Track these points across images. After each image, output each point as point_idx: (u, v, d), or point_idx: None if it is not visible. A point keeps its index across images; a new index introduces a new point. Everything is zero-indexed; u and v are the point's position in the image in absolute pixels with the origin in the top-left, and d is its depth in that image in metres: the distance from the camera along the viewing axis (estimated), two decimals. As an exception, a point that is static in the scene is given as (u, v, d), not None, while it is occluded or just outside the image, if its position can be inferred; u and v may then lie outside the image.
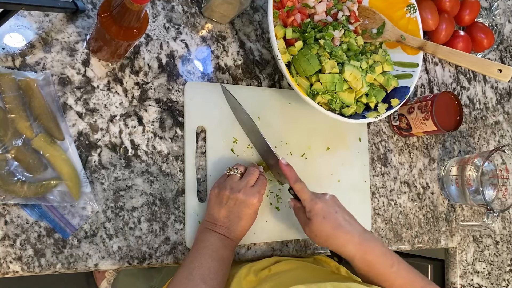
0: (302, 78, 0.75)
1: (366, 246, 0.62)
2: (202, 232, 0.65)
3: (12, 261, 0.60)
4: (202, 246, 0.63)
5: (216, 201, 0.65)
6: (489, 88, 1.07)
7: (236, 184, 0.65)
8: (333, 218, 0.63)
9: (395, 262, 0.63)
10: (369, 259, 0.62)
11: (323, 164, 0.81)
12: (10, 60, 0.62)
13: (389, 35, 0.83)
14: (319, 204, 0.64)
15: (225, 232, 0.64)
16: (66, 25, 0.66)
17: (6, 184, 0.58)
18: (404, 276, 0.63)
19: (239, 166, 0.69)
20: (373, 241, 0.63)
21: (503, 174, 0.93)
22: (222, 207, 0.65)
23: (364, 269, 0.63)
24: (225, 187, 0.65)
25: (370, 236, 0.63)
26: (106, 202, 0.66)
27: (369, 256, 0.62)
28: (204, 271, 0.60)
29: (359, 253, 0.62)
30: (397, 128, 0.91)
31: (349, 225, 0.63)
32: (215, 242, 0.63)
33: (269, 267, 0.68)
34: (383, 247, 0.63)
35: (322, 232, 0.62)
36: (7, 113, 0.59)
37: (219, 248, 0.63)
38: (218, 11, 0.73)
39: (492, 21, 1.07)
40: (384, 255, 0.63)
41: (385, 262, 0.62)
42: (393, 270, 0.62)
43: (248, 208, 0.64)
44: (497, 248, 1.03)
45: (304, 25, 0.76)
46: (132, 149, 0.68)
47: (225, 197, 0.65)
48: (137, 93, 0.70)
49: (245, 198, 0.64)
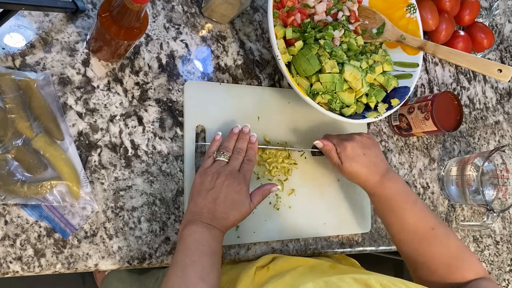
0: (302, 78, 0.75)
1: (385, 184, 0.69)
2: (187, 224, 0.60)
3: (12, 261, 0.60)
4: (190, 240, 0.58)
5: (202, 187, 0.62)
6: (489, 88, 1.07)
7: (222, 169, 0.64)
8: (360, 161, 0.70)
9: (411, 201, 0.68)
10: (385, 195, 0.69)
11: (322, 163, 0.81)
12: (10, 60, 0.62)
13: (389, 35, 0.83)
14: (348, 146, 0.70)
15: (211, 220, 0.60)
16: (66, 25, 0.66)
17: (6, 184, 0.58)
18: (418, 213, 0.68)
19: (226, 149, 0.67)
20: (394, 180, 0.69)
21: (503, 174, 0.93)
22: (207, 193, 0.61)
23: (380, 204, 0.70)
24: (210, 172, 0.63)
25: (393, 175, 0.70)
26: (106, 202, 0.66)
27: (386, 192, 0.69)
28: (198, 268, 0.56)
29: (378, 189, 0.69)
30: (397, 128, 0.91)
31: (374, 166, 0.70)
32: (203, 233, 0.59)
33: (268, 265, 0.68)
34: (403, 187, 0.69)
35: (351, 173, 0.70)
36: (7, 113, 0.59)
37: (208, 240, 0.59)
38: (218, 11, 0.73)
39: (492, 21, 1.07)
40: (400, 194, 0.69)
41: (400, 199, 0.68)
42: (407, 206, 0.68)
43: (235, 192, 0.62)
44: (497, 248, 1.03)
45: (304, 25, 0.76)
46: (132, 149, 0.68)
47: (211, 182, 0.62)
48: (137, 93, 0.70)
49: (230, 183, 0.62)
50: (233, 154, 0.66)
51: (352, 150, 0.70)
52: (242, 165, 0.66)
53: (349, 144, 0.70)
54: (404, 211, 0.68)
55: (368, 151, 0.71)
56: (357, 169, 0.69)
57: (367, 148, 0.71)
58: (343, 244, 0.83)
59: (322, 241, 0.81)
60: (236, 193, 0.62)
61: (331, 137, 0.74)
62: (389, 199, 0.69)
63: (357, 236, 0.85)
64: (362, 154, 0.70)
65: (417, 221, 0.67)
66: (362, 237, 0.85)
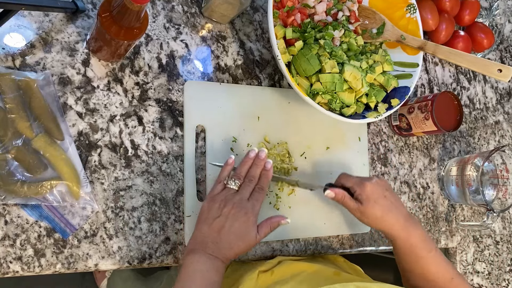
0: (302, 78, 0.75)
1: (410, 230, 0.67)
2: (190, 253, 0.59)
3: (12, 261, 0.60)
4: (192, 269, 0.57)
5: (208, 215, 0.61)
6: (489, 88, 1.07)
7: (231, 197, 0.62)
8: (382, 203, 0.67)
9: (433, 249, 0.68)
10: (411, 242, 0.67)
11: (322, 163, 0.81)
12: (10, 60, 0.62)
13: (389, 35, 0.83)
14: (368, 187, 0.67)
15: (214, 251, 0.59)
16: (66, 25, 0.66)
17: (6, 184, 0.58)
18: (439, 263, 0.67)
19: (237, 176, 0.64)
20: (416, 226, 0.68)
21: (503, 174, 0.93)
22: (213, 221, 0.60)
23: (405, 251, 0.68)
24: (218, 200, 0.61)
25: (414, 221, 0.68)
26: (106, 202, 0.66)
27: (411, 239, 0.67)
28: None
29: (403, 236, 0.67)
30: (397, 128, 0.91)
31: (396, 209, 0.68)
32: (205, 264, 0.58)
33: (272, 269, 0.68)
34: (424, 233, 0.68)
35: (373, 215, 0.67)
36: (7, 113, 0.59)
37: (210, 271, 0.57)
38: (218, 11, 0.73)
39: (492, 21, 1.07)
40: (424, 241, 0.67)
41: (425, 247, 0.67)
42: (431, 255, 0.67)
43: (241, 223, 0.59)
44: (497, 248, 1.03)
45: (304, 25, 0.76)
46: (132, 149, 0.68)
47: (217, 210, 0.60)
48: (137, 93, 0.70)
49: (237, 212, 0.60)
50: (245, 181, 0.64)
51: (373, 191, 0.67)
52: (253, 194, 0.63)
53: (369, 185, 0.67)
54: (426, 259, 0.67)
55: (388, 193, 0.68)
56: (381, 212, 0.67)
57: (387, 190, 0.69)
58: (343, 244, 0.83)
59: (322, 241, 0.81)
60: (242, 224, 0.59)
61: (347, 177, 0.71)
62: (413, 246, 0.67)
63: (357, 236, 0.85)
64: (383, 196, 0.67)
65: (438, 271, 0.67)
66: (362, 237, 0.85)
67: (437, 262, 0.67)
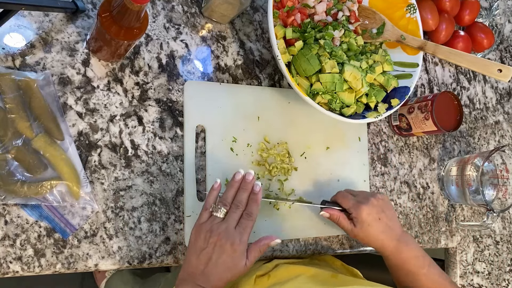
0: (302, 78, 0.75)
1: (401, 249, 0.68)
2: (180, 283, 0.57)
3: (12, 261, 0.60)
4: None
5: (196, 246, 0.58)
6: (489, 88, 1.07)
7: (216, 226, 0.58)
8: (376, 225, 0.69)
9: (427, 265, 0.68)
10: (402, 260, 0.68)
11: (322, 163, 0.81)
12: (10, 60, 0.62)
13: (389, 35, 0.83)
14: (364, 211, 0.69)
15: (204, 282, 0.57)
16: (66, 25, 0.66)
17: (6, 184, 0.58)
18: (434, 280, 0.68)
19: (223, 203, 0.60)
20: (409, 243, 0.69)
21: (503, 174, 0.93)
22: (201, 253, 0.57)
23: (396, 268, 0.69)
24: (204, 230, 0.58)
25: (407, 239, 0.70)
26: (106, 202, 0.66)
27: (403, 257, 0.68)
28: None
29: (395, 253, 0.69)
30: (397, 128, 0.91)
31: (390, 230, 0.69)
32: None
33: (268, 273, 0.68)
34: (418, 250, 0.69)
35: (365, 237, 0.70)
36: (7, 113, 0.59)
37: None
38: (218, 11, 0.73)
39: (492, 21, 1.07)
40: (417, 257, 0.68)
41: (417, 263, 0.68)
42: (424, 271, 0.68)
43: (228, 255, 0.57)
44: (497, 248, 1.03)
45: (304, 25, 0.76)
46: (132, 149, 0.68)
47: (204, 241, 0.58)
48: (137, 93, 0.70)
49: (223, 244, 0.57)
50: (231, 208, 0.60)
51: (368, 215, 0.69)
52: (241, 221, 0.59)
53: (366, 209, 0.69)
54: (420, 276, 0.68)
55: (383, 215, 0.70)
56: (373, 235, 0.69)
57: (382, 212, 0.70)
58: (343, 244, 0.83)
59: (322, 241, 0.81)
60: (229, 256, 0.57)
61: (344, 198, 0.72)
62: (406, 264, 0.68)
63: (357, 236, 0.85)
64: (377, 219, 0.69)
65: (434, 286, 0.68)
66: (362, 237, 0.85)
67: (431, 278, 0.68)
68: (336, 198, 0.74)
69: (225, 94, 0.75)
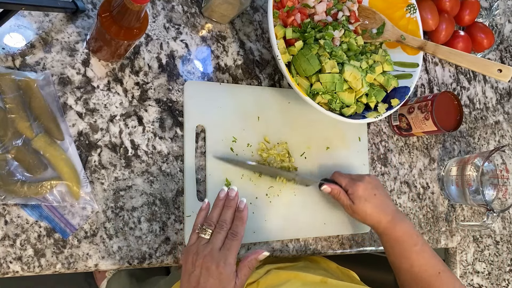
0: (302, 78, 0.75)
1: (396, 224, 0.70)
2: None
3: (12, 261, 0.60)
4: None
5: (185, 268, 0.57)
6: (489, 88, 1.07)
7: (202, 248, 0.56)
8: (372, 201, 0.71)
9: (419, 243, 0.69)
10: (396, 235, 0.70)
11: (322, 163, 0.81)
12: (10, 60, 0.62)
13: (389, 35, 0.83)
14: (360, 187, 0.71)
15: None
16: (66, 25, 0.66)
17: (6, 184, 0.58)
18: (425, 257, 0.69)
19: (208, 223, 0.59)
20: (403, 221, 0.71)
21: (503, 174, 0.93)
22: (190, 276, 0.56)
23: (390, 244, 0.71)
24: (191, 252, 0.57)
25: (402, 217, 0.72)
26: (106, 202, 0.66)
27: (397, 233, 0.70)
28: None
29: (389, 230, 0.70)
30: (397, 128, 0.91)
31: (386, 206, 0.72)
32: None
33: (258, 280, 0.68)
34: (411, 229, 0.71)
35: (363, 212, 0.71)
36: (7, 113, 0.59)
37: None
38: (218, 11, 0.73)
39: (492, 21, 1.07)
40: (410, 235, 0.70)
41: (410, 241, 0.69)
42: (416, 249, 0.69)
43: (215, 278, 0.54)
44: (497, 248, 1.03)
45: (304, 25, 0.76)
46: (132, 149, 0.68)
47: (192, 265, 0.56)
48: (137, 93, 0.70)
49: (209, 267, 0.55)
50: (216, 228, 0.58)
51: (364, 190, 0.71)
52: (226, 241, 0.57)
53: (361, 185, 0.72)
54: (412, 253, 0.69)
55: (378, 192, 0.72)
56: (371, 210, 0.71)
57: (377, 189, 0.73)
58: (343, 244, 0.83)
59: (322, 241, 0.81)
60: (216, 278, 0.54)
61: (340, 176, 0.75)
62: (399, 241, 0.70)
63: (357, 236, 0.85)
64: (373, 194, 0.72)
65: (425, 264, 0.68)
66: (362, 237, 0.85)
67: (423, 256, 0.69)
68: (333, 177, 0.76)
69: (225, 94, 0.75)
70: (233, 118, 0.75)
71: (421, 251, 0.69)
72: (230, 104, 0.75)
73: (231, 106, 0.75)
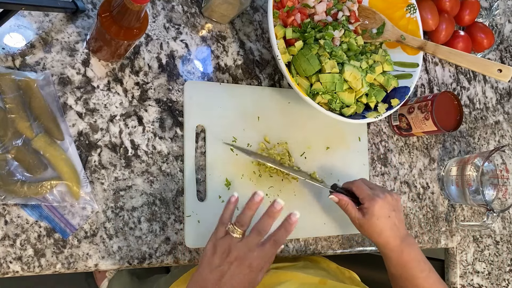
0: (302, 78, 0.75)
1: (403, 250, 0.68)
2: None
3: (12, 261, 0.60)
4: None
5: (211, 260, 0.57)
6: (489, 88, 1.07)
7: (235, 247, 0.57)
8: (384, 222, 0.68)
9: (427, 270, 0.68)
10: (403, 260, 0.68)
11: (322, 163, 0.81)
12: (10, 60, 0.62)
13: (389, 35, 0.83)
14: (378, 204, 0.68)
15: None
16: (66, 25, 0.66)
17: (6, 184, 0.58)
18: (432, 284, 0.68)
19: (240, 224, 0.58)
20: (411, 247, 0.69)
21: (503, 174, 0.93)
22: (215, 268, 0.56)
23: (395, 268, 0.69)
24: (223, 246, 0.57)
25: (411, 242, 0.69)
26: (106, 202, 0.66)
27: (404, 258, 0.68)
28: None
29: (394, 253, 0.68)
30: (397, 128, 0.91)
31: (397, 230, 0.69)
32: None
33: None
34: (420, 254, 0.69)
35: (371, 230, 0.69)
36: (7, 113, 0.59)
37: None
38: (218, 11, 0.73)
39: (492, 21, 1.07)
40: (417, 261, 0.68)
41: (417, 267, 0.68)
42: (423, 275, 0.68)
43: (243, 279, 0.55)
44: (497, 248, 1.03)
45: (304, 25, 0.76)
46: (132, 149, 0.68)
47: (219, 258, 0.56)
48: (137, 93, 0.70)
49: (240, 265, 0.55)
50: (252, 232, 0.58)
51: (380, 209, 0.68)
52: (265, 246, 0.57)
53: (380, 202, 0.68)
54: (418, 280, 0.68)
55: (393, 214, 0.69)
56: (380, 230, 0.68)
57: (393, 211, 0.70)
58: (343, 244, 0.83)
59: (322, 241, 0.81)
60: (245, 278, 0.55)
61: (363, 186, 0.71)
62: (406, 266, 0.68)
63: (357, 236, 0.85)
64: (387, 216, 0.69)
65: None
66: (362, 237, 0.85)
67: (429, 283, 0.68)
68: (351, 186, 0.72)
69: (225, 94, 0.75)
70: (233, 118, 0.75)
71: (428, 278, 0.68)
72: (230, 104, 0.75)
73: (231, 106, 0.75)
